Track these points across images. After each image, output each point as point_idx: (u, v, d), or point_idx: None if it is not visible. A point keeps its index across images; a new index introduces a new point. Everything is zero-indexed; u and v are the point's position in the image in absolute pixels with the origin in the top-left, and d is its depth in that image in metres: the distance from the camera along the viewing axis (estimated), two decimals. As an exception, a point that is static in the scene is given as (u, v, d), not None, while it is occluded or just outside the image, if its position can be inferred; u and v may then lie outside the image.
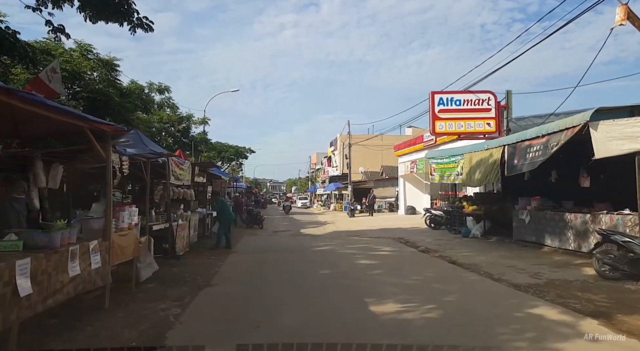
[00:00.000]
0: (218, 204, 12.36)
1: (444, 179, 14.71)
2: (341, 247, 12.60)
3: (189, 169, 11.29)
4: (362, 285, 7.21)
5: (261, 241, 14.73)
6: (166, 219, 9.37)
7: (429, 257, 10.82)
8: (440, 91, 16.29)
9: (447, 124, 15.98)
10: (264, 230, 19.73)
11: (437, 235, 15.51)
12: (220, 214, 12.15)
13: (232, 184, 26.34)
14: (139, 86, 26.26)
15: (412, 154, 26.44)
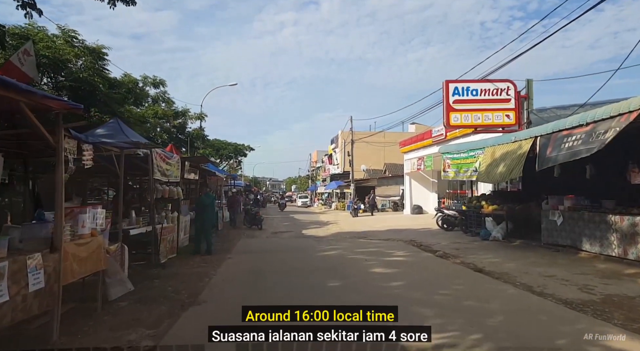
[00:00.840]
0: (200, 200, 10.60)
1: (460, 175, 13.39)
2: (349, 251, 11.30)
3: (178, 165, 9.97)
4: (383, 304, 5.89)
5: (260, 244, 13.41)
6: (149, 221, 8.06)
7: (450, 264, 9.52)
8: (455, 79, 14.96)
9: (463, 116, 14.66)
10: (264, 231, 18.44)
11: (452, 237, 14.22)
12: (199, 213, 10.38)
13: (229, 182, 25.02)
14: (132, 80, 25.00)
15: (419, 151, 25.11)
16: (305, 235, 16.90)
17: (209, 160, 12.82)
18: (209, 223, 10.39)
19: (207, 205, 10.29)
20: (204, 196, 10.62)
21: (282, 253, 10.87)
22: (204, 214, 10.25)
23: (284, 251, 11.36)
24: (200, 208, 10.36)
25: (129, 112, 18.94)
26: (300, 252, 11.21)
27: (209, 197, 10.76)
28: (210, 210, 10.40)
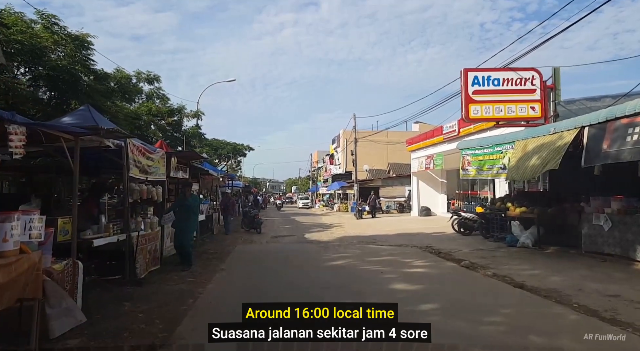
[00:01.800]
0: (181, 202, 8.55)
1: (483, 173, 11.95)
2: (361, 261, 9.85)
3: (163, 160, 8.54)
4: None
5: (258, 251, 11.94)
6: (122, 228, 6.61)
7: (481, 277, 8.08)
8: (475, 68, 13.53)
9: (484, 108, 13.21)
10: (263, 235, 16.99)
11: (472, 243, 12.77)
12: (178, 218, 8.40)
13: (226, 182, 23.56)
14: (125, 75, 23.65)
15: (428, 149, 23.67)
16: (308, 240, 15.45)
17: (201, 156, 11.30)
18: (189, 231, 8.59)
19: (190, 209, 8.46)
20: (190, 198, 8.66)
21: (283, 264, 9.40)
22: (186, 220, 8.41)
23: (285, 261, 9.89)
24: (182, 212, 8.43)
25: (116, 107, 17.52)
26: (304, 262, 9.74)
27: (195, 199, 8.95)
28: (192, 216, 8.63)
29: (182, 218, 8.31)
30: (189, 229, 8.59)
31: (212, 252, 10.96)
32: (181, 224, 8.40)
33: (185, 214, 8.42)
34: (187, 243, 8.46)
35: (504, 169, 10.66)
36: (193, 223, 8.67)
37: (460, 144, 13.49)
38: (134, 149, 7.01)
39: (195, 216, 8.69)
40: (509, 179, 10.20)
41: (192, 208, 8.51)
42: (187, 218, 8.46)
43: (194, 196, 8.92)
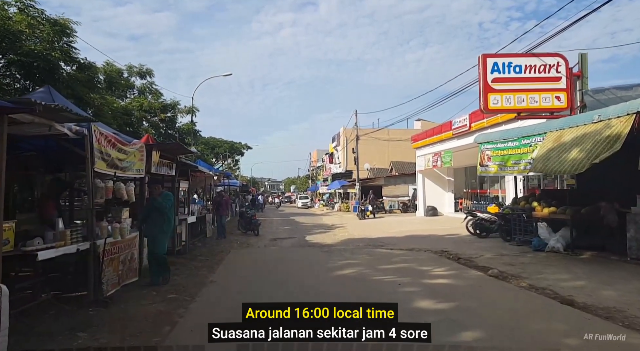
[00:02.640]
0: (152, 204, 6.94)
1: (507, 169, 10.71)
2: (372, 269, 8.59)
3: (141, 154, 7.28)
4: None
5: (255, 257, 10.65)
6: (85, 235, 5.33)
7: (517, 290, 6.83)
8: (494, 53, 12.29)
9: (504, 98, 11.95)
10: (261, 237, 15.74)
11: (492, 247, 11.53)
12: (149, 224, 6.95)
13: (222, 181, 22.28)
14: (115, 68, 22.41)
15: (435, 145, 22.42)
16: (309, 243, 14.20)
17: (189, 150, 9.93)
18: (159, 237, 6.87)
19: (160, 211, 6.83)
20: (159, 198, 6.87)
21: (283, 274, 8.12)
22: (155, 224, 6.85)
23: (286, 270, 8.60)
24: (153, 216, 6.86)
25: (102, 100, 16.23)
26: (308, 271, 8.48)
27: (166, 199, 6.94)
28: (162, 218, 6.87)
29: (152, 221, 6.90)
30: (160, 235, 6.89)
31: (203, 259, 9.69)
32: (150, 229, 6.96)
33: (155, 217, 6.87)
34: (159, 251, 6.92)
35: (532, 164, 9.40)
36: (165, 226, 6.92)
37: (478, 138, 12.23)
38: (101, 138, 5.74)
39: (166, 218, 6.90)
40: (534, 171, 8.95)
41: (162, 209, 6.80)
42: (157, 222, 6.88)
43: (166, 195, 7.00)
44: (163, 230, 6.85)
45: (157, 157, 7.98)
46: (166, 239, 6.93)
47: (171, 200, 6.93)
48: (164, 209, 6.77)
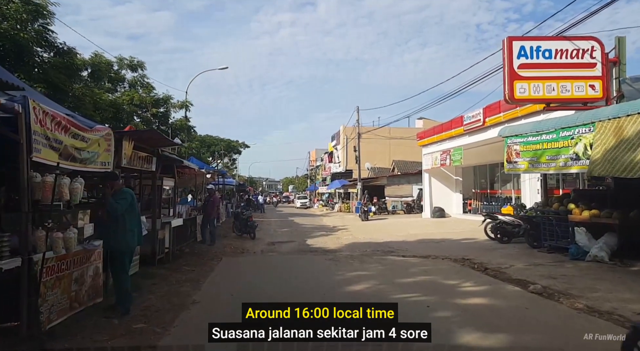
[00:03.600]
0: (111, 204, 5.19)
1: (540, 166, 9.34)
2: (389, 283, 7.19)
3: (108, 143, 5.88)
4: None
5: (249, 268, 9.17)
6: (15, 248, 3.91)
7: (575, 314, 5.46)
8: (521, 36, 10.95)
9: (532, 86, 10.58)
10: (257, 241, 14.34)
11: (519, 254, 10.17)
12: (105, 230, 5.36)
13: (216, 180, 20.86)
14: (105, 60, 21.02)
15: (444, 143, 21.05)
16: (311, 248, 12.81)
17: (170, 140, 8.32)
18: (120, 250, 5.27)
19: (114, 217, 5.18)
20: (113, 198, 5.20)
21: (282, 291, 6.66)
22: (111, 232, 5.26)
23: (286, 285, 7.16)
24: (110, 221, 5.24)
25: (85, 90, 14.82)
26: (313, 287, 7.04)
27: (121, 198, 5.23)
28: (119, 227, 5.21)
29: (109, 229, 5.27)
30: (116, 246, 5.25)
31: (188, 269, 8.28)
32: (105, 241, 5.35)
33: (111, 225, 5.23)
34: (115, 269, 5.33)
35: (577, 160, 8.05)
36: (121, 236, 5.22)
37: (503, 131, 10.84)
38: (45, 118, 4.33)
39: (121, 225, 5.22)
40: (593, 174, 7.53)
41: (113, 212, 5.14)
42: (111, 230, 5.20)
43: (122, 193, 5.31)
44: (118, 240, 5.24)
45: (130, 148, 6.58)
46: (126, 252, 5.34)
47: (127, 200, 5.23)
48: (114, 212, 5.14)
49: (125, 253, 5.35)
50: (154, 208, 8.23)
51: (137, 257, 7.56)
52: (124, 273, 5.33)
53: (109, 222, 5.36)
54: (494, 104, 16.34)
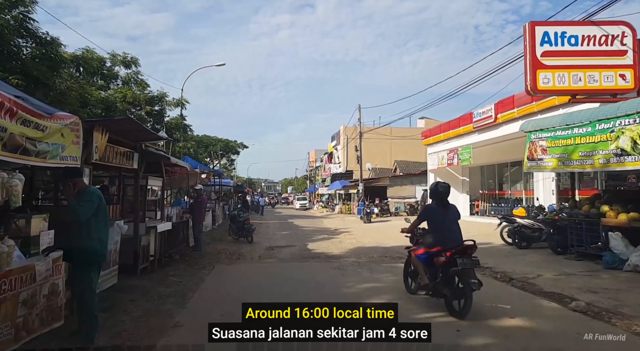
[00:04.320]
0: (72, 208, 4.17)
1: (572, 163, 8.39)
2: (405, 298, 6.19)
3: (76, 134, 4.92)
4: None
5: (245, 278, 8.15)
6: None
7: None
8: (544, 21, 9.99)
9: (557, 76, 9.63)
10: (255, 245, 13.37)
11: (544, 261, 9.22)
12: (72, 238, 4.29)
13: (212, 180, 19.88)
14: (97, 57, 20.04)
15: (451, 141, 20.09)
16: (313, 253, 11.85)
17: (153, 132, 7.21)
18: (82, 263, 4.27)
19: (78, 222, 4.17)
20: (75, 201, 4.19)
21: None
22: (74, 243, 4.25)
23: (287, 299, 6.18)
24: (74, 226, 4.25)
25: (68, 83, 13.83)
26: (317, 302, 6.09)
27: (85, 199, 4.20)
28: (83, 234, 4.20)
29: (71, 237, 4.22)
30: (84, 260, 4.22)
31: (175, 280, 7.28)
32: (68, 251, 4.31)
33: (74, 231, 4.21)
34: (78, 288, 4.34)
35: (623, 155, 7.05)
36: (95, 246, 4.22)
37: (525, 125, 9.87)
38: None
39: (85, 232, 4.18)
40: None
41: (75, 216, 4.12)
42: (77, 238, 4.19)
43: (91, 193, 4.29)
44: (82, 251, 4.19)
45: (104, 141, 5.59)
46: (92, 266, 4.31)
47: (94, 202, 4.19)
48: (77, 217, 4.10)
49: (91, 267, 4.36)
50: (136, 211, 7.24)
51: (115, 267, 6.59)
52: (89, 291, 4.33)
53: (71, 228, 4.37)
54: (506, 99, 15.39)
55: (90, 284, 4.32)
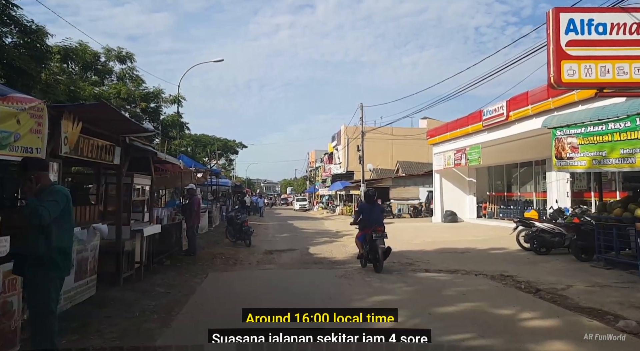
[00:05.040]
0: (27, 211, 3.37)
1: (609, 162, 7.59)
2: (425, 315, 5.39)
3: (37, 120, 4.14)
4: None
5: (238, 291, 7.26)
6: None
7: None
8: (569, 7, 9.18)
9: (584, 67, 8.71)
10: (253, 249, 12.57)
11: (570, 270, 8.41)
12: (28, 245, 3.48)
13: (208, 180, 19.06)
14: (91, 51, 19.31)
15: (459, 140, 19.29)
16: (315, 258, 11.06)
17: (135, 122, 6.19)
18: (40, 280, 3.43)
19: (38, 226, 3.34)
20: (33, 201, 3.37)
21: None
22: (32, 252, 3.43)
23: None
24: (26, 235, 3.53)
25: (56, 75, 13.03)
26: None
27: (55, 198, 3.42)
28: (41, 242, 3.39)
29: (26, 245, 3.48)
30: (41, 273, 3.43)
31: (161, 292, 6.44)
32: (21, 261, 3.52)
33: (31, 237, 3.45)
34: (37, 306, 3.53)
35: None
36: (55, 257, 3.45)
37: (549, 121, 9.05)
38: None
39: (53, 240, 3.42)
40: None
41: (32, 219, 3.31)
42: (34, 245, 3.41)
43: (57, 192, 3.50)
44: (39, 261, 3.39)
45: (76, 131, 4.78)
46: (51, 281, 3.47)
47: (60, 203, 3.40)
48: (35, 218, 3.27)
49: (49, 283, 3.53)
50: (119, 212, 6.42)
51: (93, 277, 5.78)
52: (45, 313, 3.51)
53: (26, 234, 3.56)
54: (519, 95, 14.60)
55: (48, 304, 3.49)
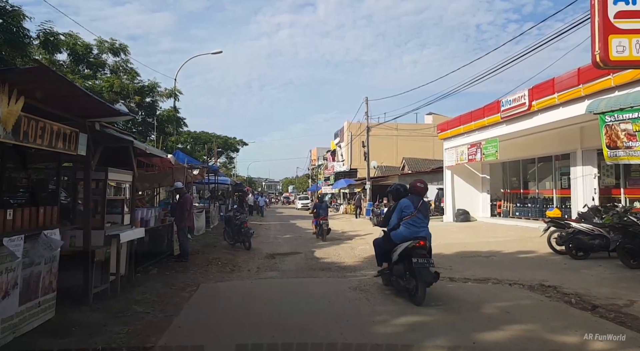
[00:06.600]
0: None
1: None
2: (467, 345, 4.22)
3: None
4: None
5: (233, 310, 6.06)
6: None
7: None
8: (617, -26, 7.95)
9: (635, 43, 7.56)
10: (253, 253, 11.45)
11: (620, 278, 7.23)
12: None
13: (205, 178, 17.88)
14: (83, 43, 18.24)
15: (473, 134, 18.07)
16: (322, 263, 9.92)
17: (91, 95, 4.87)
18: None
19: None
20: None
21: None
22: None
23: (291, 346, 4.18)
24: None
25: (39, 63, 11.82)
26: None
27: None
28: None
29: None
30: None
31: (140, 311, 5.25)
32: None
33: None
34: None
35: None
36: None
37: (594, 105, 7.84)
38: None
39: None
40: None
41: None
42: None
43: None
44: None
45: (16, 108, 3.61)
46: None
47: None
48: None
49: None
50: (87, 215, 5.24)
51: (50, 296, 4.63)
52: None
53: None
54: (543, 83, 13.38)
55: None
